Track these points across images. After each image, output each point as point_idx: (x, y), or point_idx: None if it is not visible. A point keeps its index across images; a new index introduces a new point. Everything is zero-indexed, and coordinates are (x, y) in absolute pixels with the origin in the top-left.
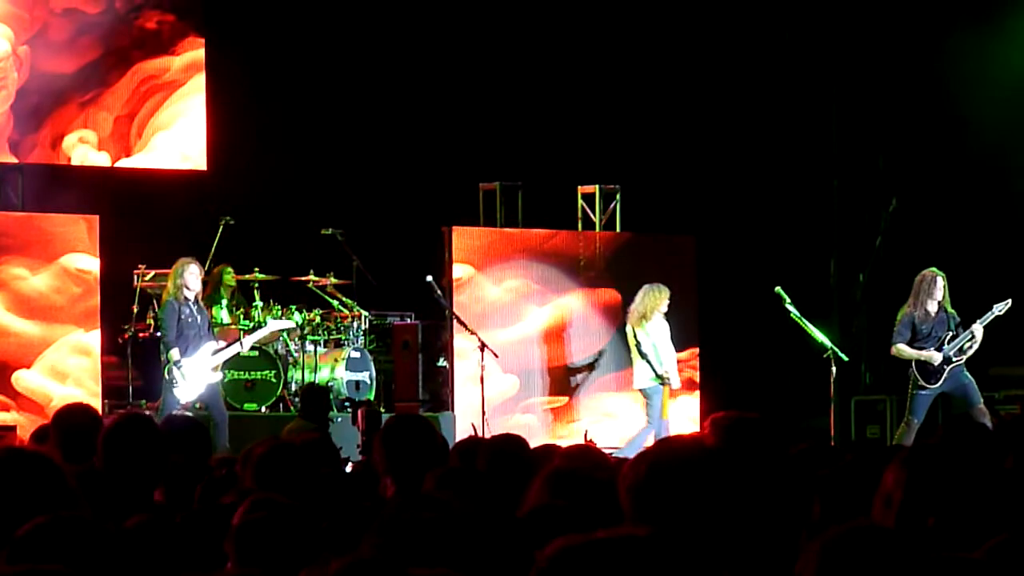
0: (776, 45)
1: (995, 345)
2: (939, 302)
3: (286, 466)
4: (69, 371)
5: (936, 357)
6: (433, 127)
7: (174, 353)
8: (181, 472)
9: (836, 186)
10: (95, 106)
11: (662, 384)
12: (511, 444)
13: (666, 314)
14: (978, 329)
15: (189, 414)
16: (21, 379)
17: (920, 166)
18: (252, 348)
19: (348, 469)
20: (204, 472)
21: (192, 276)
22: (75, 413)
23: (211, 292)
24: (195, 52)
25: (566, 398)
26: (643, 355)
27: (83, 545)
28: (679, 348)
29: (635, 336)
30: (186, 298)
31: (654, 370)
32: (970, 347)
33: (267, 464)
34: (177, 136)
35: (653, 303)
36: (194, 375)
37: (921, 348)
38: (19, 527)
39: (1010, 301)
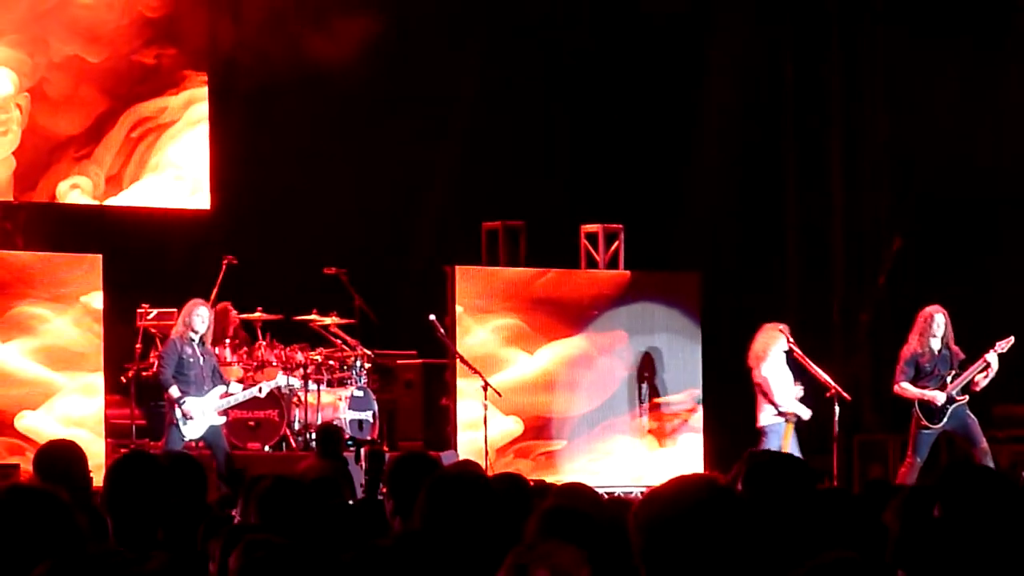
0: (775, 81)
1: (999, 383)
2: (941, 339)
3: (289, 501)
4: (73, 411)
5: (940, 397)
6: (436, 166)
7: (174, 391)
8: (179, 510)
9: (839, 223)
10: (90, 160)
11: (786, 421)
12: (510, 482)
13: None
14: (993, 357)
15: (186, 452)
16: (24, 419)
17: (923, 203)
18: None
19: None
20: (201, 511)
21: (198, 318)
22: (57, 449)
23: (216, 331)
24: (197, 89)
25: (564, 442)
26: (764, 394)
27: None
28: (681, 388)
29: (754, 375)
30: (190, 339)
31: (775, 407)
32: (984, 377)
33: (270, 499)
34: (178, 174)
35: (769, 341)
36: (199, 414)
37: (924, 387)
38: (26, 564)
39: (1012, 339)
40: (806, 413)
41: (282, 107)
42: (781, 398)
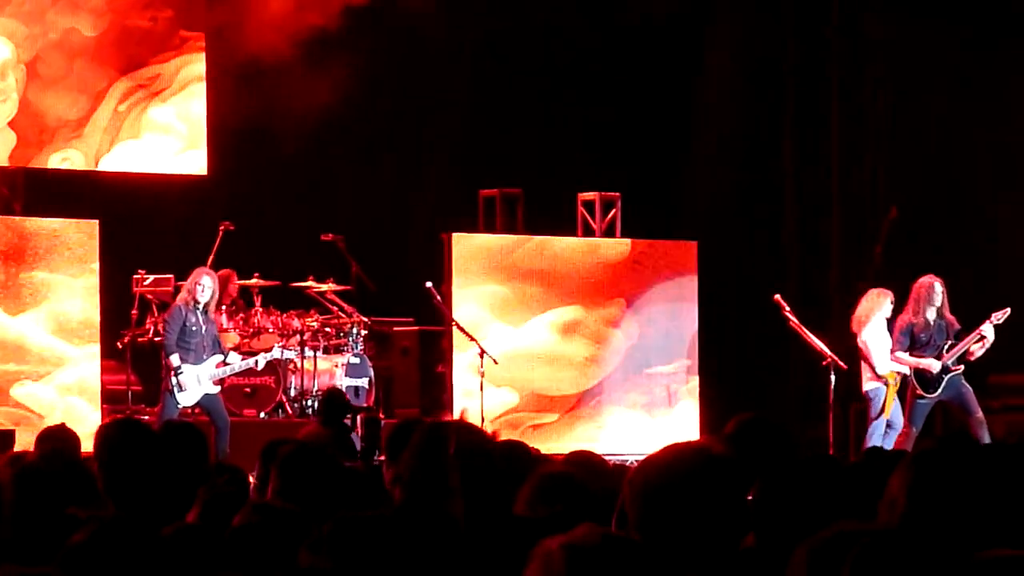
0: (776, 54)
1: (994, 353)
2: (938, 309)
3: (310, 466)
4: (69, 378)
5: (935, 366)
6: (434, 133)
7: (174, 359)
8: (180, 478)
9: (836, 192)
10: (80, 139)
11: (885, 384)
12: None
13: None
14: (988, 329)
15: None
16: (24, 387)
17: (920, 174)
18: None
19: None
20: (204, 478)
21: (200, 288)
22: (53, 435)
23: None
24: (193, 54)
25: (555, 415)
26: (864, 358)
27: (136, 551)
28: (677, 357)
29: (857, 340)
30: (194, 307)
31: (874, 372)
32: (979, 348)
33: (291, 463)
34: (174, 139)
35: (871, 307)
36: (195, 383)
37: (920, 356)
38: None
39: (1008, 310)
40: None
41: (280, 72)
42: (879, 362)
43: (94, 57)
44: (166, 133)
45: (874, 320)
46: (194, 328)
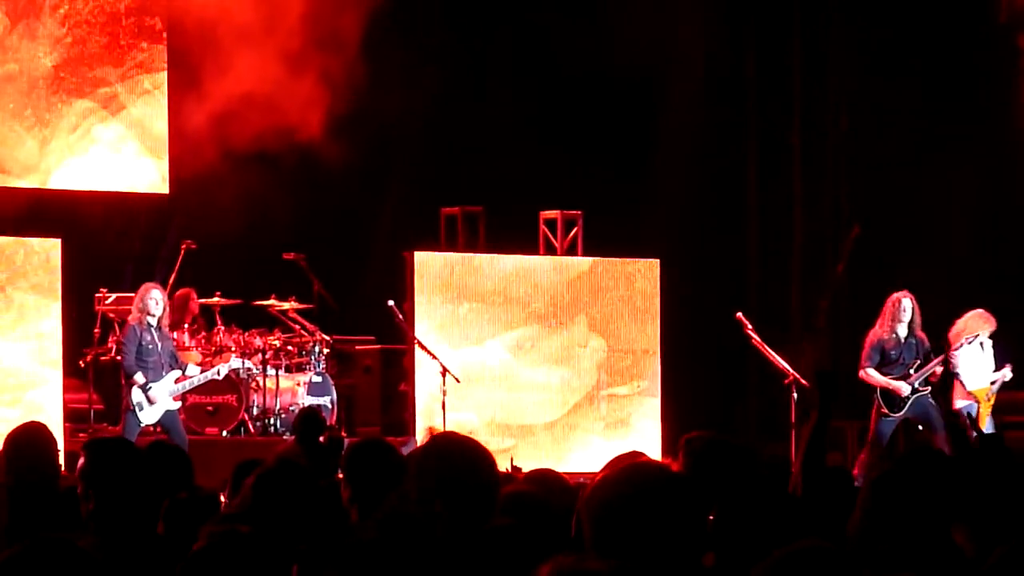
0: (738, 72)
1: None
2: (909, 326)
3: (290, 485)
4: (32, 397)
5: (905, 389)
6: (395, 152)
7: (138, 377)
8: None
9: (799, 210)
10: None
11: (976, 401)
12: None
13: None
14: (955, 356)
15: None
16: None
17: (883, 190)
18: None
19: None
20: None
21: (152, 301)
22: (26, 434)
23: (176, 317)
24: (156, 74)
25: (513, 441)
26: (954, 375)
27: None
28: (637, 376)
29: (949, 356)
30: (148, 324)
31: (963, 389)
32: (1000, 379)
33: (269, 482)
34: (136, 157)
35: (970, 327)
36: (155, 400)
37: (888, 374)
38: None
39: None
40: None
41: (242, 91)
42: (968, 380)
43: (53, 82)
44: (124, 151)
45: (966, 343)
46: (150, 346)
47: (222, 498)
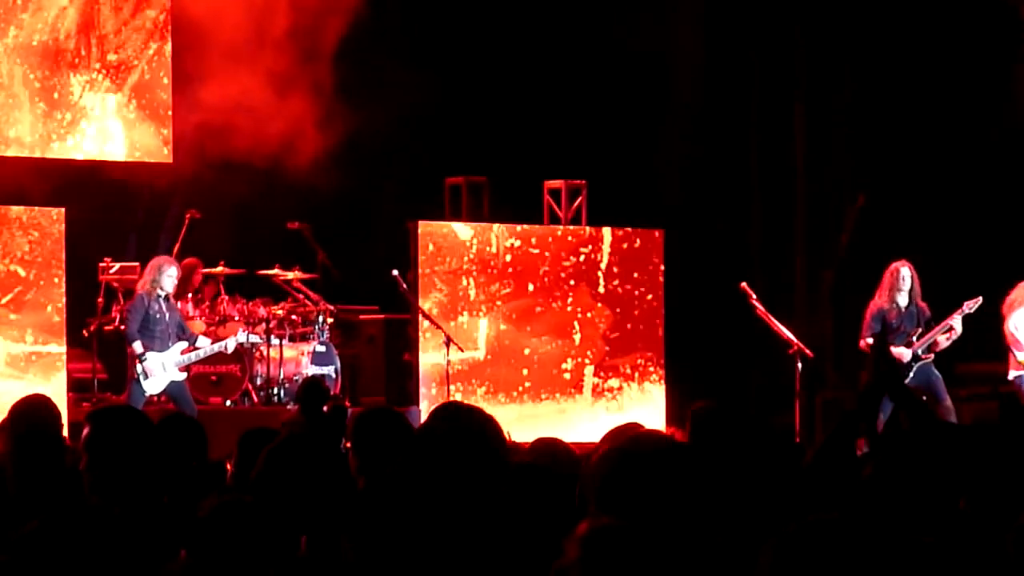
0: (742, 43)
1: (962, 342)
2: (909, 295)
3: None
4: (36, 366)
5: (906, 355)
6: (398, 121)
7: (137, 346)
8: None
9: (802, 181)
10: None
11: None
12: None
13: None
14: (957, 320)
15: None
16: None
17: (888, 161)
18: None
19: None
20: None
21: (169, 279)
22: (29, 405)
23: (180, 286)
24: (160, 42)
25: (519, 405)
26: (1009, 346)
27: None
28: (642, 346)
29: (1004, 326)
30: (157, 295)
31: (1018, 360)
32: (946, 339)
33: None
34: (140, 126)
35: (1018, 299)
36: (160, 370)
37: (890, 343)
38: None
39: (980, 299)
40: None
41: (248, 59)
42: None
43: (56, 51)
44: (128, 120)
45: (1021, 310)
46: (157, 316)
47: (228, 467)
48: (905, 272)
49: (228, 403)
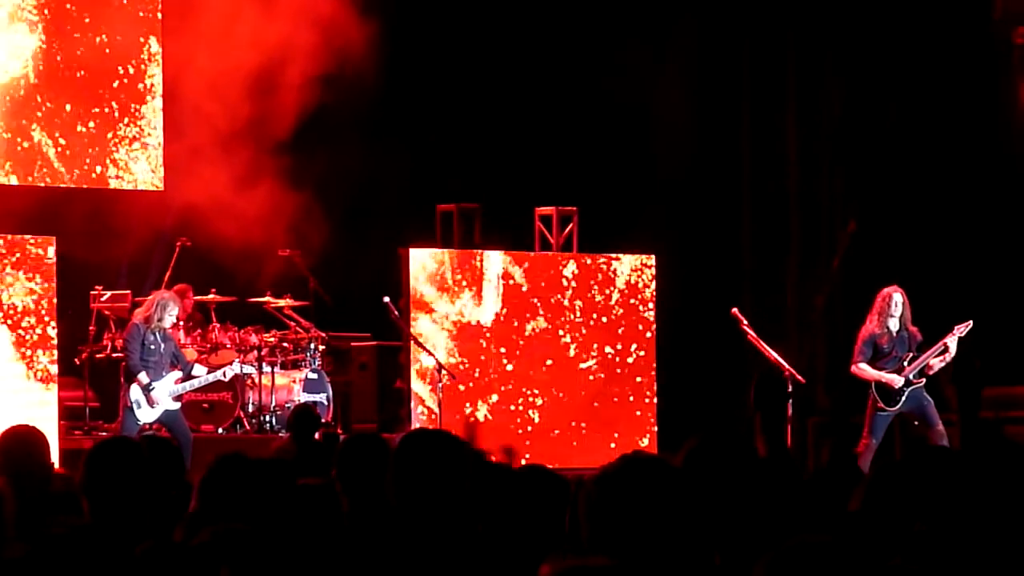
0: (732, 67)
1: (993, 364)
2: (900, 320)
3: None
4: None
5: (898, 381)
6: (390, 148)
7: (143, 377)
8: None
9: (794, 207)
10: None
11: None
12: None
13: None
14: (951, 342)
15: (160, 435)
16: None
17: (878, 186)
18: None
19: None
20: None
21: (170, 317)
22: (17, 435)
23: None
24: (151, 68)
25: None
26: None
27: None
28: (634, 371)
29: None
30: (154, 327)
31: None
32: (939, 362)
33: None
34: (132, 155)
35: None
36: (157, 401)
37: (882, 368)
38: None
39: (971, 323)
40: None
41: (235, 88)
42: None
43: (46, 80)
44: (118, 148)
45: None
46: (152, 346)
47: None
48: (897, 297)
49: (220, 431)
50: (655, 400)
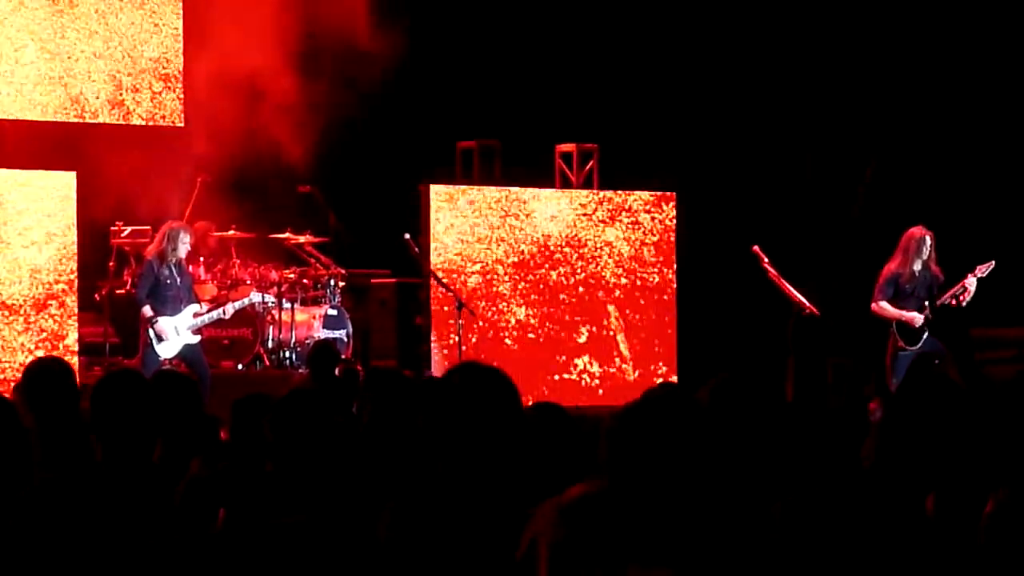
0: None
1: (976, 307)
2: (924, 261)
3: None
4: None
5: (918, 319)
6: (411, 84)
7: (146, 310)
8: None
9: (813, 145)
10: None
11: None
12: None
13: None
14: (971, 283)
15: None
16: None
17: (898, 127)
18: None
19: None
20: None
21: (183, 245)
22: (42, 367)
23: (192, 250)
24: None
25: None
26: None
27: None
28: (654, 310)
29: None
30: (169, 260)
31: None
32: (962, 302)
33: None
34: (152, 89)
35: None
36: (173, 333)
37: (902, 307)
38: None
39: (993, 263)
40: None
41: (257, 24)
42: None
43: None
44: (140, 84)
45: None
46: (168, 281)
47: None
48: (926, 239)
49: (240, 367)
50: (675, 333)
